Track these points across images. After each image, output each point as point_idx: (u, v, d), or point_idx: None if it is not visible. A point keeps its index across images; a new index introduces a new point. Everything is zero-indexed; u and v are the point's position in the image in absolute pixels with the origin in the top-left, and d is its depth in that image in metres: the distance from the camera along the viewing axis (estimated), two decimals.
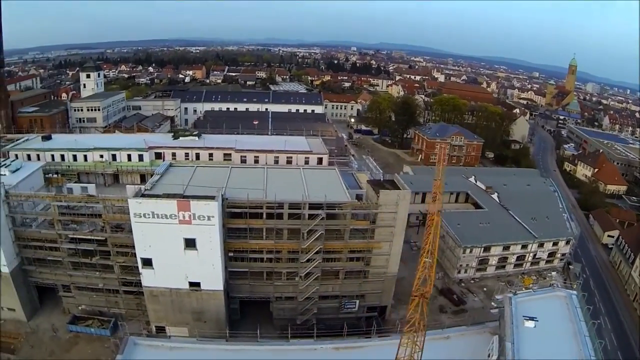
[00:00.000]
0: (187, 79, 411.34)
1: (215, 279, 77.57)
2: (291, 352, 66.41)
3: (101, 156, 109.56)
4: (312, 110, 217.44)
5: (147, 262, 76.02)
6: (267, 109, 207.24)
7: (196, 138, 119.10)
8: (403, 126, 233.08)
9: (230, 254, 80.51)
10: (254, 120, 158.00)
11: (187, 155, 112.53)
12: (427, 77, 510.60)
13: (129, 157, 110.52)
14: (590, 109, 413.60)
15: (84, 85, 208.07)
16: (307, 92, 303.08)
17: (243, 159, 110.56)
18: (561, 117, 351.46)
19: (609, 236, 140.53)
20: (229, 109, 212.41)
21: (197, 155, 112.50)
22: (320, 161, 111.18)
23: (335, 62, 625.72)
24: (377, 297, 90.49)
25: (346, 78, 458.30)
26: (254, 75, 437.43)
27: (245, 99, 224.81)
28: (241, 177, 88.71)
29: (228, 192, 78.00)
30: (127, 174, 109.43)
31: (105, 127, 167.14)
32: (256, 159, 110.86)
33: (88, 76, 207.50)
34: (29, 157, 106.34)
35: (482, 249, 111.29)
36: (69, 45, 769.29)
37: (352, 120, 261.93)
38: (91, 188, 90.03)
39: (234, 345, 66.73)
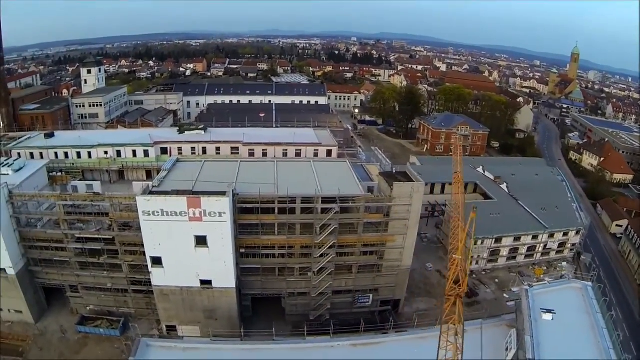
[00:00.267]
0: (188, 72, 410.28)
1: (227, 277, 75.93)
2: (308, 350, 64.90)
3: (106, 153, 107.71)
4: (316, 102, 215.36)
5: (157, 261, 74.34)
6: (270, 101, 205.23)
7: (202, 132, 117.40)
8: (408, 116, 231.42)
9: (241, 250, 78.98)
10: (259, 113, 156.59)
11: (193, 150, 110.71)
12: (429, 67, 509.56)
13: (134, 153, 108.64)
14: (593, 98, 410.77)
15: (85, 80, 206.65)
16: (310, 83, 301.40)
17: (251, 153, 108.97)
18: (564, 106, 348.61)
19: (618, 226, 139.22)
20: (232, 101, 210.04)
21: (204, 150, 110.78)
22: (329, 153, 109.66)
23: (336, 52, 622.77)
24: (390, 291, 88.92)
25: (348, 69, 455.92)
26: (256, 67, 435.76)
27: (248, 91, 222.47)
28: (251, 171, 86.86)
29: (238, 187, 76.21)
30: (132, 170, 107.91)
31: (107, 123, 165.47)
32: (264, 152, 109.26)
33: (89, 72, 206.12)
34: (31, 155, 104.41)
35: (494, 240, 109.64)
36: (68, 41, 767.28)
37: (356, 111, 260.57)
38: (96, 186, 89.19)
39: (249, 345, 65.35)
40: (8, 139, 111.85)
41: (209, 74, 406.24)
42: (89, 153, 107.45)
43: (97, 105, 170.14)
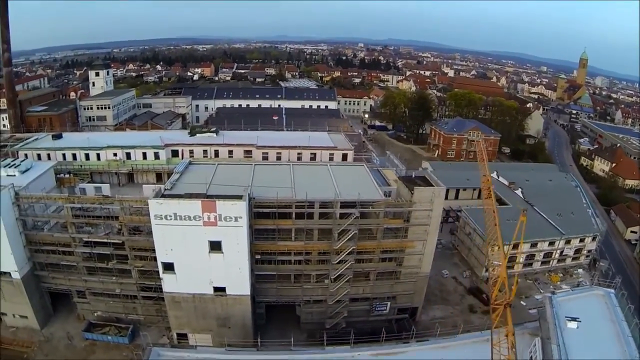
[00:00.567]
0: (195, 77, 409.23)
1: (242, 284, 73.25)
2: None
3: (115, 154, 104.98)
4: (326, 106, 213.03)
5: (169, 267, 71.75)
6: (280, 105, 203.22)
7: (214, 134, 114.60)
8: (418, 121, 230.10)
9: (257, 256, 76.37)
10: (273, 116, 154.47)
11: (205, 153, 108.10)
12: (436, 72, 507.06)
13: (144, 155, 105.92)
14: (601, 103, 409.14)
15: (93, 83, 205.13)
16: (318, 88, 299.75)
17: (265, 156, 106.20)
18: (574, 112, 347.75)
19: (632, 232, 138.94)
20: (240, 105, 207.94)
21: (216, 153, 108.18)
22: (345, 157, 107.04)
23: (344, 58, 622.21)
24: (409, 298, 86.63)
25: (356, 74, 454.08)
26: (264, 71, 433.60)
27: (257, 95, 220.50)
28: (266, 174, 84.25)
29: (254, 191, 73.66)
30: (142, 172, 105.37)
31: (115, 126, 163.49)
32: (278, 156, 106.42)
33: (97, 74, 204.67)
34: (39, 156, 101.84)
35: (511, 246, 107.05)
36: (76, 45, 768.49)
37: (366, 115, 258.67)
38: (105, 188, 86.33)
39: (267, 355, 62.68)
40: (15, 140, 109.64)
41: (217, 78, 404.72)
42: (98, 155, 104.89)
43: (105, 108, 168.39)
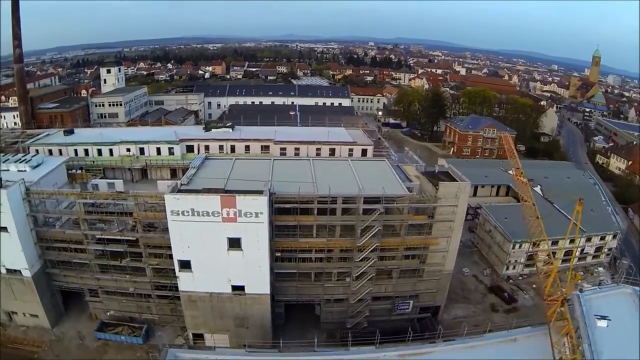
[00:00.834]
0: (207, 75, 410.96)
1: (261, 282, 70.72)
2: None
3: (128, 150, 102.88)
4: (340, 104, 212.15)
5: (185, 265, 69.33)
6: (293, 102, 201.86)
7: (230, 130, 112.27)
8: (433, 119, 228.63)
9: (277, 254, 73.72)
10: (289, 111, 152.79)
11: (221, 148, 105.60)
12: (448, 71, 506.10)
13: (158, 150, 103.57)
14: (614, 101, 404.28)
15: (105, 80, 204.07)
16: (331, 85, 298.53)
17: (282, 151, 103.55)
18: (587, 110, 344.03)
19: None
20: (253, 102, 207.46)
21: (232, 148, 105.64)
22: (364, 152, 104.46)
23: (355, 56, 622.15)
24: (431, 297, 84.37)
25: (368, 72, 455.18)
26: (275, 70, 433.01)
27: (270, 93, 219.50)
28: (286, 170, 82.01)
29: (274, 186, 71.00)
30: (156, 168, 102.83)
31: (127, 123, 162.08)
32: (296, 151, 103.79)
33: (109, 71, 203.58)
34: (50, 152, 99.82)
35: (532, 244, 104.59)
36: (86, 45, 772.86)
37: (380, 113, 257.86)
38: (118, 184, 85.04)
39: (290, 356, 60.16)
40: (26, 136, 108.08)
41: (228, 76, 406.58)
42: (110, 150, 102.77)
43: (117, 105, 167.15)
